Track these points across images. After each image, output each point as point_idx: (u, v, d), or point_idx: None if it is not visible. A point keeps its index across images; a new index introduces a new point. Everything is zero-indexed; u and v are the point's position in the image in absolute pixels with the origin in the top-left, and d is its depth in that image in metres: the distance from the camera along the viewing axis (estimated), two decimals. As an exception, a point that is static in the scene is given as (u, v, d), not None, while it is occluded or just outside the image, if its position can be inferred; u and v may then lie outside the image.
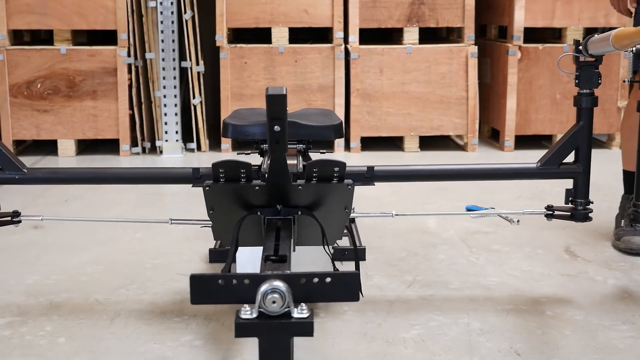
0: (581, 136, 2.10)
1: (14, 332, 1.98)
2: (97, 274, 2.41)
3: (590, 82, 2.10)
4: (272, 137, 1.63)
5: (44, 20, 4.26)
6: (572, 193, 2.14)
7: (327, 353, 1.86)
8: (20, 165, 2.07)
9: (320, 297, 1.46)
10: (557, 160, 2.11)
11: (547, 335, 1.96)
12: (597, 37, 2.02)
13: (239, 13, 4.37)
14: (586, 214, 2.13)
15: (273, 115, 1.60)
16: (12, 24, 4.26)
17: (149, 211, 3.10)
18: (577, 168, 2.11)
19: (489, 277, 2.38)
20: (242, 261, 2.07)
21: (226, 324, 2.01)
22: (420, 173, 2.21)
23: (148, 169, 2.19)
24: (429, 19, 4.42)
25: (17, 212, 2.15)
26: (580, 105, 2.10)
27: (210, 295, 1.46)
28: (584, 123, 2.10)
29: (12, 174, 2.07)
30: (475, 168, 2.21)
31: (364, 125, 4.43)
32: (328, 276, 1.45)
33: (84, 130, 4.33)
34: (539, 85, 4.43)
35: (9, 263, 2.47)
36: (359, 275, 1.46)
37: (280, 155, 1.72)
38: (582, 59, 2.10)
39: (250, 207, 1.87)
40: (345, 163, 1.86)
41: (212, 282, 1.45)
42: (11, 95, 4.26)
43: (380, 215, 2.24)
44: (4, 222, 2.13)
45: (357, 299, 1.47)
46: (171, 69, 4.31)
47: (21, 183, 2.10)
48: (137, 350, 1.87)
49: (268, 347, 1.43)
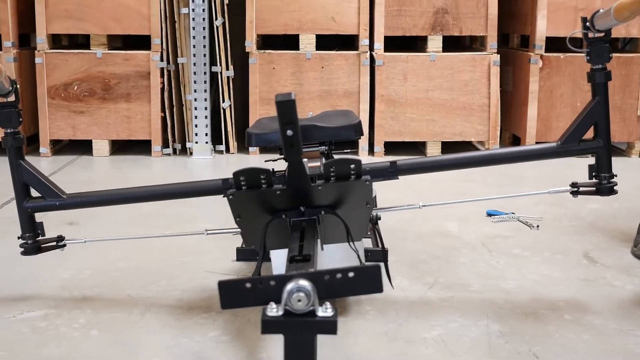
0: (598, 111, 2.07)
1: (49, 324, 2.00)
2: (129, 270, 2.43)
3: (601, 57, 2.07)
4: (286, 141, 1.64)
5: (81, 25, 4.30)
6: (594, 168, 2.11)
7: (350, 351, 1.86)
8: (59, 191, 2.10)
9: (345, 291, 1.45)
10: (577, 137, 2.08)
11: (565, 339, 1.94)
12: (602, 12, 2.01)
13: (268, 20, 4.38)
14: (611, 187, 2.09)
15: (284, 120, 1.61)
16: (51, 28, 4.30)
17: (178, 209, 3.11)
18: (597, 143, 2.08)
19: (509, 281, 2.36)
20: (278, 265, 2.07)
21: (252, 321, 2.01)
22: (443, 163, 2.16)
23: (180, 184, 2.19)
24: (452, 27, 4.41)
25: (62, 237, 2.19)
26: (595, 81, 2.08)
27: (239, 299, 1.46)
28: (600, 98, 2.07)
29: (53, 201, 2.10)
30: (497, 152, 2.18)
31: (388, 130, 4.42)
32: (350, 271, 1.44)
33: (118, 131, 4.36)
34: (560, 93, 4.40)
35: (45, 258, 2.49)
36: (380, 267, 1.45)
37: (296, 158, 1.72)
38: (592, 35, 2.08)
39: (274, 211, 1.87)
40: (360, 160, 1.85)
41: (240, 286, 1.45)
42: (49, 96, 4.31)
43: (408, 207, 2.21)
44: (50, 247, 2.17)
45: (381, 291, 1.45)
46: (202, 73, 4.33)
47: (62, 209, 2.13)
48: (166, 344, 1.88)
49: (293, 344, 1.43)
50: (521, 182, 3.82)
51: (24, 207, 2.09)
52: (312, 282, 1.42)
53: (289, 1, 4.37)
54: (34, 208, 2.10)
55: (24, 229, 2.11)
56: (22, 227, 2.11)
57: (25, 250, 2.13)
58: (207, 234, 2.20)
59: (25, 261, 2.44)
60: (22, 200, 2.09)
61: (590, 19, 2.05)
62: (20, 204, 2.09)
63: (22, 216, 2.10)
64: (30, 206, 2.10)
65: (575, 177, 2.34)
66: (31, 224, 2.12)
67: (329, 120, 2.21)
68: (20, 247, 2.13)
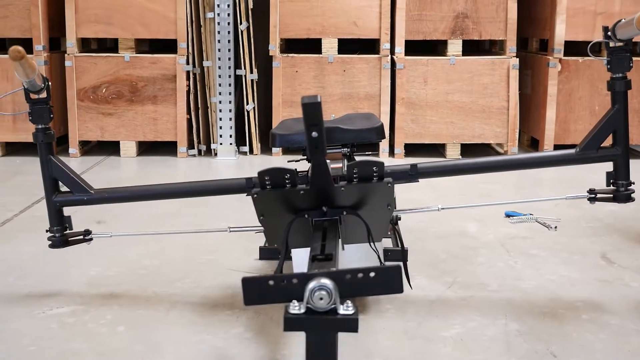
0: (617, 119, 2.05)
1: (77, 320, 2.01)
2: (154, 268, 2.44)
3: (622, 66, 2.05)
4: (311, 142, 1.63)
5: (109, 29, 4.34)
6: (612, 176, 2.09)
7: (370, 349, 1.86)
8: (87, 186, 2.12)
9: (366, 291, 1.45)
10: (596, 144, 2.06)
11: (582, 339, 1.92)
12: (624, 22, 1.99)
13: (292, 24, 4.39)
14: (629, 194, 2.08)
15: (310, 122, 1.60)
16: (81, 32, 4.35)
17: (198, 209, 3.13)
18: (616, 151, 2.06)
19: (527, 281, 2.34)
20: (299, 263, 2.07)
21: (274, 318, 2.02)
22: (462, 167, 2.16)
23: (205, 182, 2.19)
24: (472, 31, 4.39)
25: (89, 231, 2.20)
26: (615, 89, 2.06)
27: (262, 296, 1.46)
28: (619, 106, 2.05)
29: (81, 196, 2.11)
30: (517, 158, 2.17)
31: (408, 133, 4.41)
32: (372, 271, 1.44)
33: (145, 132, 4.39)
34: (578, 96, 4.36)
35: (73, 256, 2.52)
36: (401, 268, 1.45)
37: (320, 159, 1.72)
38: (613, 45, 2.06)
39: (297, 210, 1.87)
40: (383, 162, 1.85)
41: (263, 283, 1.46)
42: (78, 99, 4.35)
43: (427, 210, 2.21)
44: (77, 240, 2.18)
45: (401, 291, 1.45)
46: (227, 76, 4.35)
47: (90, 204, 2.14)
48: (190, 340, 1.89)
49: (315, 342, 1.43)
50: (540, 183, 3.79)
51: (53, 201, 2.11)
52: (334, 280, 1.42)
53: (311, 6, 4.37)
54: (62, 202, 2.12)
55: (52, 222, 2.13)
56: (51, 220, 2.13)
57: (53, 243, 2.14)
58: (230, 231, 2.21)
59: (55, 258, 2.47)
60: (51, 194, 2.11)
61: (612, 28, 2.03)
62: (49, 198, 2.11)
63: (50, 210, 2.12)
64: (59, 200, 2.11)
65: (593, 178, 2.33)
66: (59, 218, 2.13)
67: (352, 123, 2.21)
68: (48, 240, 2.14)
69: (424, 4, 4.37)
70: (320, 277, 1.42)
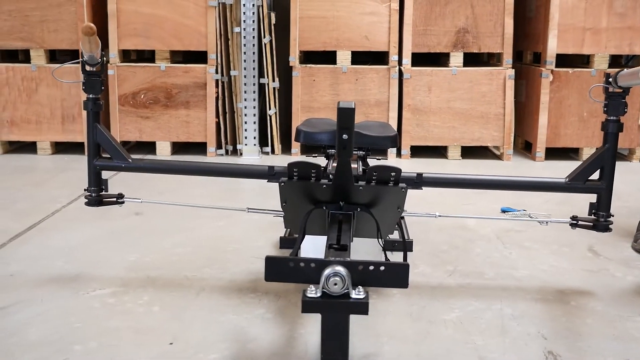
0: (606, 157, 2.03)
1: (117, 300, 2.02)
2: (186, 255, 2.45)
3: (617, 110, 2.02)
4: (340, 143, 1.63)
5: (147, 42, 4.35)
6: (595, 207, 2.06)
7: (378, 330, 1.85)
8: (126, 155, 2.09)
9: (375, 282, 1.45)
10: (584, 177, 2.04)
11: (571, 323, 1.91)
12: (626, 72, 1.94)
13: (310, 38, 4.39)
14: (607, 225, 2.05)
15: (342, 125, 1.59)
16: (122, 44, 4.36)
17: (229, 204, 3.13)
18: (601, 185, 2.04)
19: (520, 270, 2.33)
20: (306, 248, 2.07)
21: (292, 301, 2.01)
22: (462, 181, 2.16)
23: (232, 164, 2.18)
24: (472, 45, 4.36)
25: (122, 195, 2.16)
26: (607, 130, 2.03)
27: (282, 274, 1.46)
28: (610, 146, 2.03)
29: (120, 163, 2.08)
30: (511, 180, 2.15)
31: (414, 136, 4.39)
32: (382, 265, 1.44)
33: (178, 134, 4.40)
34: (568, 104, 4.33)
35: (114, 243, 2.53)
36: (409, 266, 1.44)
37: (346, 159, 1.71)
38: (611, 90, 2.03)
39: (317, 202, 1.87)
40: (401, 169, 1.84)
41: (284, 263, 1.46)
42: (119, 104, 4.36)
43: (426, 215, 2.21)
44: (111, 202, 2.14)
45: (407, 286, 1.45)
46: (251, 84, 4.35)
47: (126, 170, 2.11)
48: (217, 320, 1.89)
49: (329, 322, 1.43)
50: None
51: (94, 164, 2.08)
52: (347, 268, 1.42)
53: (328, 22, 4.36)
54: (102, 166, 2.09)
55: (91, 183, 2.10)
56: (90, 181, 2.10)
57: (89, 201, 2.11)
58: (248, 211, 2.20)
59: (98, 246, 2.49)
60: (93, 158, 2.08)
61: (614, 76, 1.99)
62: (90, 161, 2.08)
63: (90, 172, 2.09)
64: (99, 164, 2.09)
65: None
66: (97, 180, 2.10)
67: (369, 130, 2.19)
68: (85, 198, 2.12)
69: (429, 20, 4.34)
70: (335, 265, 1.42)
